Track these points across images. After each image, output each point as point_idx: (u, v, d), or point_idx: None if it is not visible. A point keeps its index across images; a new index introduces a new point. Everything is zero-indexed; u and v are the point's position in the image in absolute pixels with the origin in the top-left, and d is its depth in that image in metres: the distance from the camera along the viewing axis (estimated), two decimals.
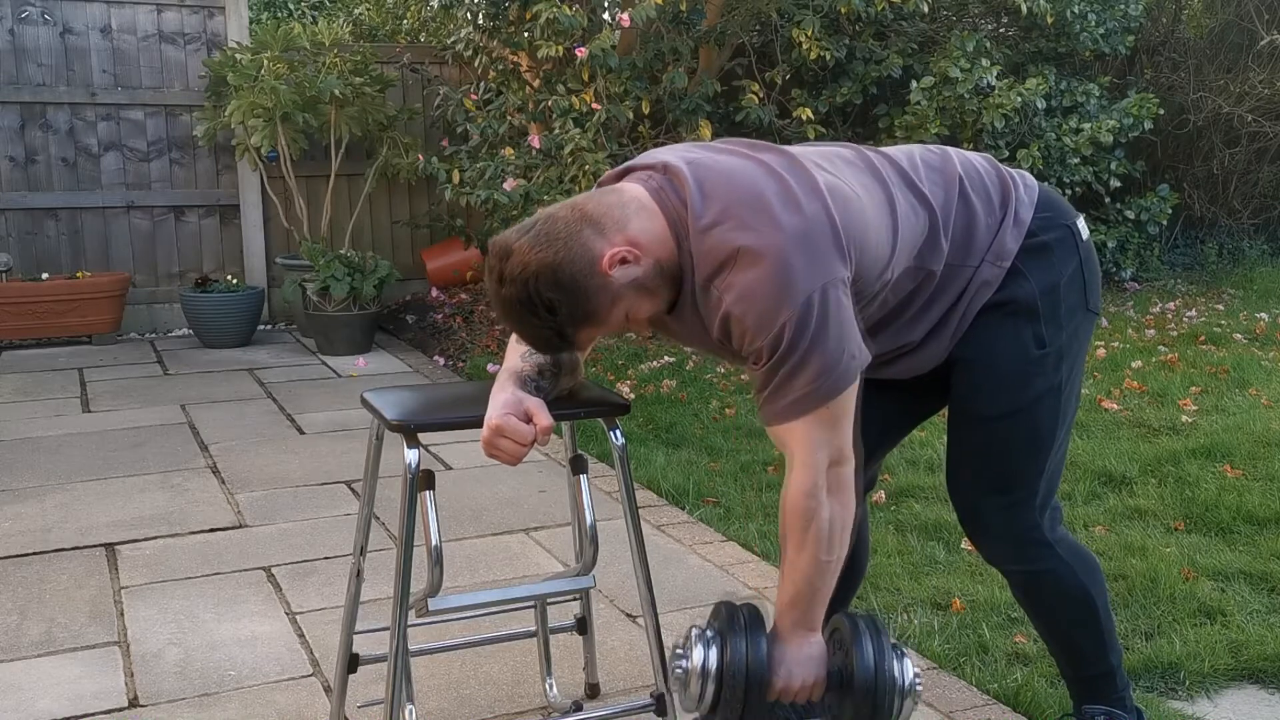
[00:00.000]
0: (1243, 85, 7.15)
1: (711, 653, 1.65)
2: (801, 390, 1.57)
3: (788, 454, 1.63)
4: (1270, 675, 2.35)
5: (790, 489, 1.62)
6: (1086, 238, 1.82)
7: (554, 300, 1.56)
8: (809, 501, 1.60)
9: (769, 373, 1.58)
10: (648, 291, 1.61)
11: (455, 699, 2.28)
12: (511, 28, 5.90)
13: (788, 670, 1.66)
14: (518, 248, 1.57)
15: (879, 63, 6.25)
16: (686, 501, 3.45)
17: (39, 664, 2.43)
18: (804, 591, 1.64)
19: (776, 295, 1.53)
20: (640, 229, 1.60)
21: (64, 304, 5.99)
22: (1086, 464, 3.66)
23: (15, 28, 6.18)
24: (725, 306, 1.57)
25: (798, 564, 1.63)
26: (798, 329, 1.54)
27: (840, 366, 1.57)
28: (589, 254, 1.57)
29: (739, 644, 1.64)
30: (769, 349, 1.56)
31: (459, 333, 6.09)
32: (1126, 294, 6.80)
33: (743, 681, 1.62)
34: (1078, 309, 1.78)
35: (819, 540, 1.61)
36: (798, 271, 1.54)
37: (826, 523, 1.61)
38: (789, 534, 1.63)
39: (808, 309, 1.53)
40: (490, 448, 1.71)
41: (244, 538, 3.19)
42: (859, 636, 1.65)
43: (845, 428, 1.61)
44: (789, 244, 1.54)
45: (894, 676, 1.63)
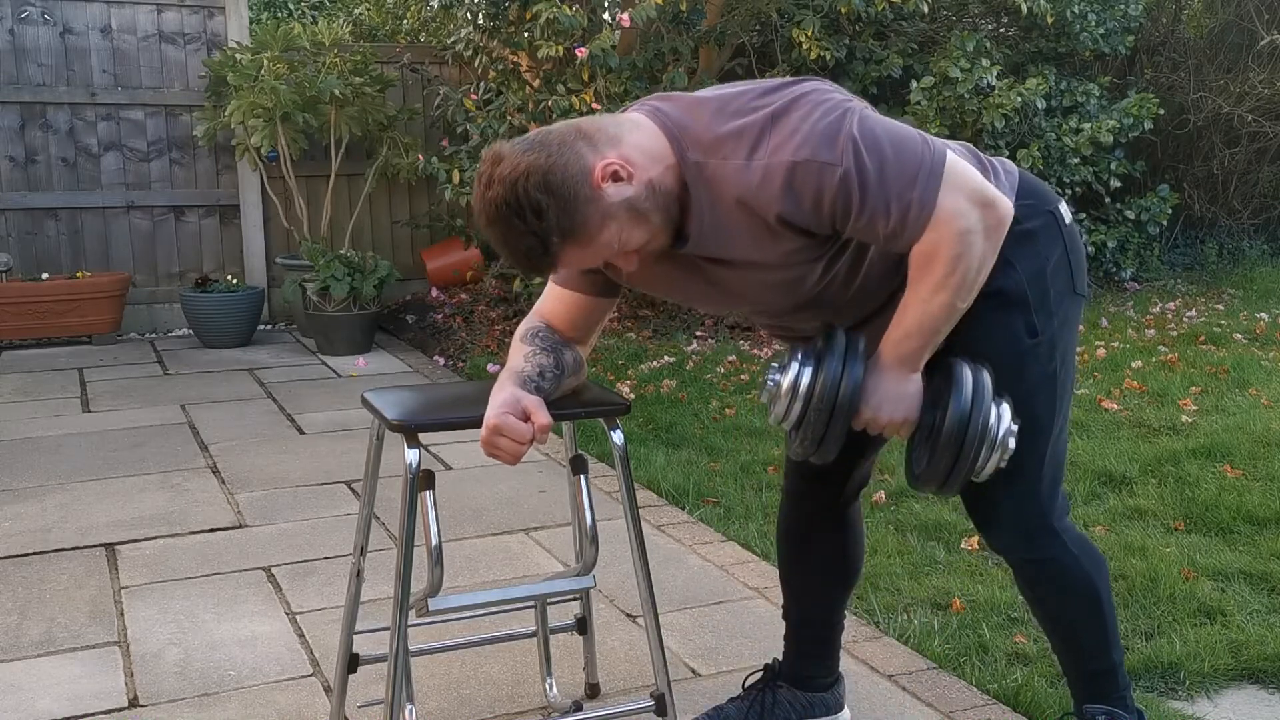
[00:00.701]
0: (1243, 85, 7.15)
1: (806, 371, 1.64)
2: (917, 182, 1.55)
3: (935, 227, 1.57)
4: (1270, 675, 2.35)
5: (941, 236, 1.56)
6: (1070, 222, 1.82)
7: (542, 203, 1.53)
8: (960, 244, 1.56)
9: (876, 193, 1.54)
10: (640, 216, 1.59)
11: (455, 699, 2.28)
12: (511, 28, 5.90)
13: (879, 401, 1.66)
14: (509, 152, 1.57)
15: (879, 63, 6.26)
16: (686, 501, 3.46)
17: (39, 664, 2.43)
18: (925, 329, 1.63)
19: (828, 122, 1.54)
20: (634, 144, 1.60)
21: (64, 304, 5.99)
22: (1086, 464, 3.66)
23: (15, 28, 6.18)
24: (785, 161, 1.54)
25: (930, 302, 1.61)
26: (865, 136, 1.54)
27: (925, 141, 1.58)
28: (582, 163, 1.56)
29: (834, 367, 1.62)
30: (855, 168, 1.53)
31: (459, 333, 6.09)
32: (1126, 294, 6.80)
33: (829, 406, 1.62)
34: (1065, 294, 1.78)
35: (961, 282, 1.59)
36: (835, 101, 1.57)
37: (977, 264, 1.59)
38: (928, 272, 1.59)
39: (862, 119, 1.56)
40: (489, 447, 1.70)
41: (244, 538, 3.19)
42: (960, 378, 1.63)
43: (974, 176, 1.59)
44: (810, 92, 1.58)
45: (987, 427, 1.61)
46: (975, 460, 1.63)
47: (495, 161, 1.57)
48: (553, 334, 1.83)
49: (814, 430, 1.64)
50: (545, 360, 1.79)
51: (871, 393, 1.65)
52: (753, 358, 5.37)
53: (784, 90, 1.61)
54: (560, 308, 1.84)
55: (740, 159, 1.57)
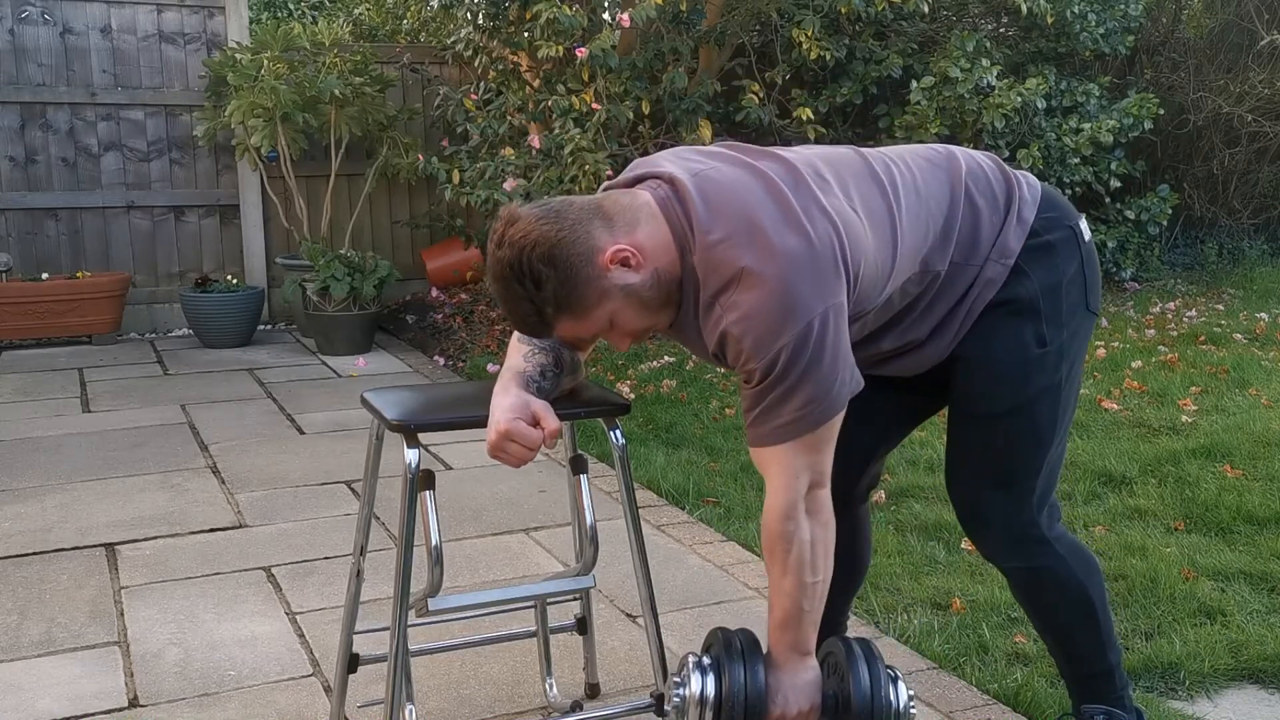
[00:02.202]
0: (1243, 85, 7.15)
1: (709, 681, 1.65)
2: (790, 416, 1.58)
3: (767, 476, 1.64)
4: (1270, 675, 2.35)
5: (769, 513, 1.63)
6: (1089, 239, 1.82)
7: (542, 275, 1.56)
8: (787, 525, 1.61)
9: (759, 395, 1.59)
10: (639, 302, 1.61)
11: (455, 699, 2.28)
12: (511, 28, 5.90)
13: (784, 697, 1.66)
14: (525, 215, 1.59)
15: (879, 63, 6.25)
16: (686, 501, 3.45)
17: (39, 664, 2.43)
18: (792, 614, 1.66)
19: (777, 320, 1.54)
20: (647, 235, 1.60)
21: (64, 304, 5.99)
22: (1086, 464, 3.66)
23: (15, 28, 6.18)
24: (725, 325, 1.58)
25: (783, 587, 1.65)
26: (793, 354, 1.54)
27: (831, 394, 1.58)
28: (591, 242, 1.57)
29: (737, 672, 1.64)
30: (762, 371, 1.57)
31: (459, 333, 6.09)
32: (1126, 294, 6.80)
33: (741, 710, 1.63)
34: (1078, 309, 1.79)
35: (801, 563, 1.62)
36: (799, 296, 1.54)
37: (808, 545, 1.62)
38: (771, 559, 1.64)
39: (805, 335, 1.54)
40: (498, 452, 1.70)
41: (244, 538, 3.19)
42: (854, 662, 1.65)
43: (828, 453, 1.62)
44: (789, 269, 1.54)
45: (889, 700, 1.64)
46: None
47: (510, 222, 1.59)
48: None
49: None
50: (544, 359, 1.79)
51: (775, 691, 1.66)
52: None
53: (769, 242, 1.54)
54: None
55: (709, 291, 1.60)
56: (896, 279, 1.68)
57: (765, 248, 1.55)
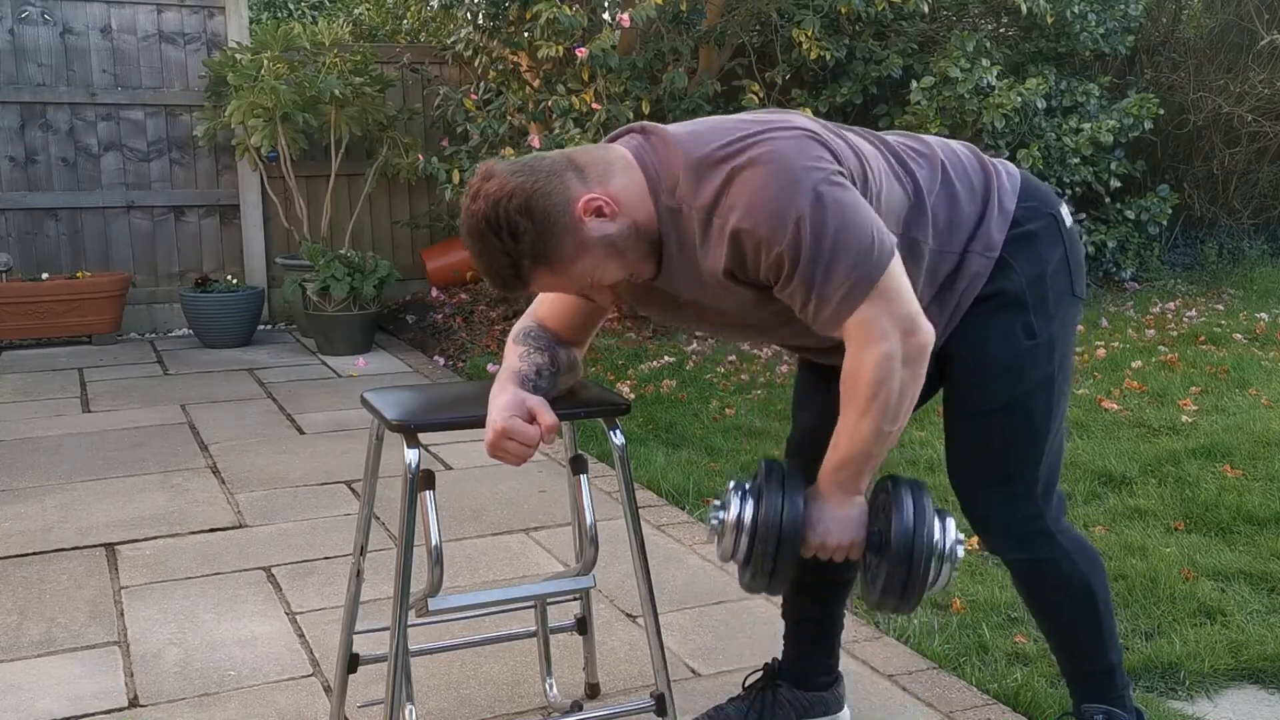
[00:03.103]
0: (1243, 85, 7.14)
1: (747, 506, 1.65)
2: (844, 284, 1.54)
3: (856, 341, 1.58)
4: (1270, 675, 2.35)
5: (862, 356, 1.57)
6: (1070, 225, 1.82)
7: (518, 225, 1.55)
8: (881, 369, 1.57)
9: (803, 278, 1.55)
10: (616, 252, 1.60)
11: (455, 699, 2.28)
12: (511, 28, 5.90)
13: (825, 528, 1.66)
14: (500, 170, 1.59)
15: (879, 63, 6.25)
16: (686, 501, 3.46)
17: (39, 664, 2.43)
18: (857, 457, 1.63)
19: (782, 194, 1.53)
20: (621, 186, 1.61)
21: (64, 304, 5.99)
22: (1086, 464, 3.66)
23: (15, 28, 6.18)
24: (732, 225, 1.55)
25: (858, 429, 1.61)
26: (814, 222, 1.52)
27: (874, 245, 1.55)
28: (567, 192, 1.57)
29: (774, 499, 1.64)
30: (790, 252, 1.53)
31: (459, 333, 6.09)
32: (1126, 294, 6.80)
33: (775, 537, 1.63)
34: (1065, 296, 1.79)
35: (885, 408, 1.59)
36: (797, 168, 1.54)
37: (897, 393, 1.58)
38: (853, 399, 1.60)
39: (818, 200, 1.53)
40: (496, 450, 1.70)
41: (244, 538, 3.19)
42: (900, 499, 1.64)
43: (907, 299, 1.58)
44: (783, 149, 1.55)
45: (934, 540, 1.62)
46: (927, 575, 1.63)
47: (485, 178, 1.59)
48: (546, 333, 1.84)
49: (763, 563, 1.65)
50: (541, 359, 1.79)
51: (816, 520, 1.66)
52: (753, 358, 5.37)
53: (751, 141, 1.58)
54: (555, 310, 1.85)
55: (700, 213, 1.59)
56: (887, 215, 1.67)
57: (750, 147, 1.56)
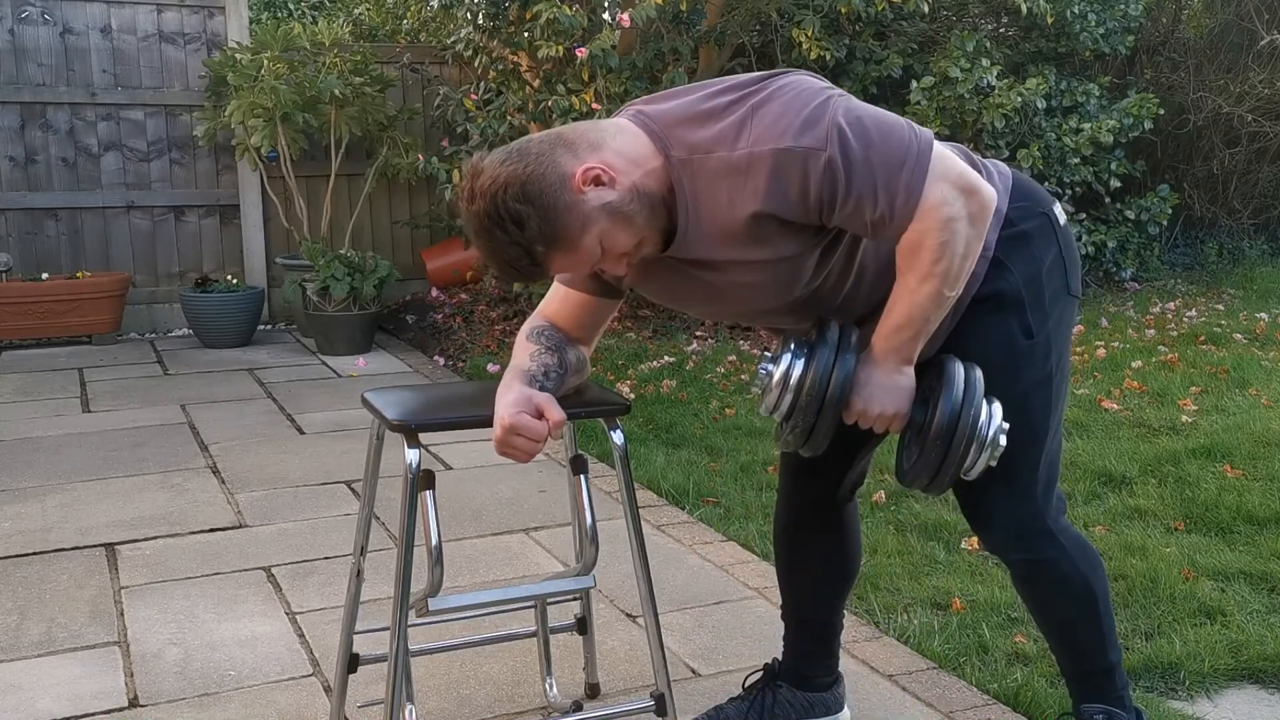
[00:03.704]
0: (1243, 85, 7.14)
1: (798, 363, 1.64)
2: (903, 168, 1.53)
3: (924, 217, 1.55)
4: (1270, 675, 2.35)
5: (927, 226, 1.55)
6: (1064, 223, 1.82)
7: (521, 213, 1.53)
8: (945, 232, 1.55)
9: (860, 178, 1.52)
10: (624, 218, 1.58)
11: (455, 699, 2.28)
12: (511, 28, 5.90)
13: (870, 393, 1.65)
14: (488, 164, 1.57)
15: (879, 63, 6.26)
16: (686, 501, 3.46)
17: (39, 664, 2.43)
18: (915, 320, 1.62)
19: (811, 109, 1.54)
20: (617, 150, 1.59)
21: (64, 304, 5.99)
22: (1086, 464, 3.66)
23: (15, 28, 6.18)
24: (769, 150, 1.53)
25: (918, 292, 1.60)
26: (850, 122, 1.53)
27: (911, 129, 1.56)
28: (559, 170, 1.55)
29: (826, 358, 1.62)
30: (840, 154, 1.51)
31: (459, 333, 6.09)
32: (1126, 294, 6.80)
33: (819, 397, 1.62)
34: (1060, 295, 1.79)
35: (948, 270, 1.57)
36: (814, 89, 1.57)
37: (960, 256, 1.57)
38: (915, 260, 1.58)
39: (846, 104, 1.55)
40: (504, 446, 1.70)
41: (244, 538, 3.19)
42: (951, 375, 1.63)
43: (957, 163, 1.58)
44: (791, 81, 1.58)
45: (977, 424, 1.61)
46: (965, 457, 1.62)
47: (475, 175, 1.57)
48: (557, 333, 1.83)
49: (805, 420, 1.64)
50: (550, 359, 1.79)
51: (863, 385, 1.65)
52: (753, 358, 5.36)
53: (764, 82, 1.60)
54: (564, 308, 1.84)
55: (723, 151, 1.56)
56: None
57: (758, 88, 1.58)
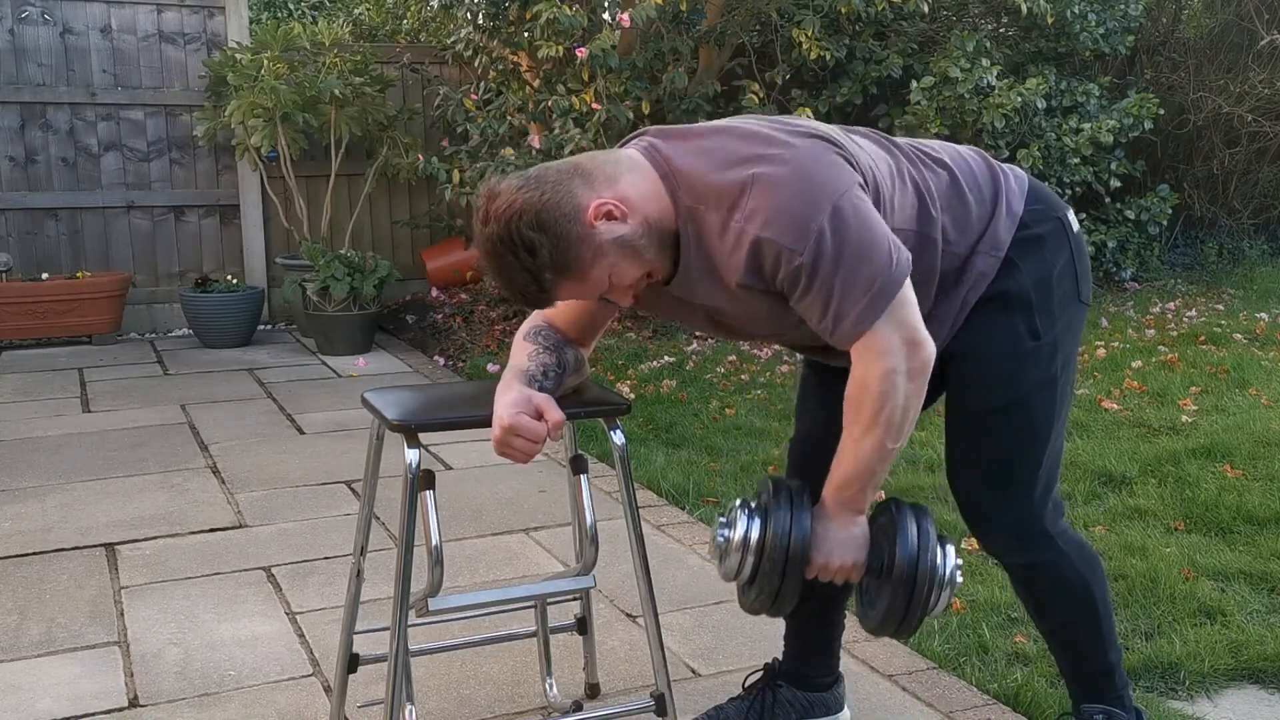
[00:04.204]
0: (1243, 85, 7.15)
1: (754, 524, 1.64)
2: (863, 297, 1.55)
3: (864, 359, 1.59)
4: (1270, 675, 2.35)
5: (866, 377, 1.59)
6: (1077, 230, 1.83)
7: (534, 241, 1.55)
8: (885, 384, 1.58)
9: (821, 288, 1.55)
10: (633, 252, 1.60)
11: (455, 699, 2.28)
12: (511, 28, 5.90)
13: (829, 548, 1.66)
14: (505, 189, 1.59)
15: (879, 63, 6.26)
16: (686, 501, 3.46)
17: (39, 664, 2.43)
18: (861, 473, 1.64)
19: (805, 206, 1.53)
20: (630, 184, 1.61)
21: (64, 304, 5.99)
22: (1086, 464, 3.66)
23: (15, 28, 6.18)
24: (753, 234, 1.55)
25: (862, 446, 1.62)
26: (835, 233, 1.53)
27: (892, 258, 1.56)
28: (574, 201, 1.57)
29: (782, 518, 1.63)
30: (811, 262, 1.54)
31: (459, 333, 6.09)
32: (1126, 294, 6.80)
33: (782, 557, 1.62)
34: (1070, 300, 1.79)
35: (889, 424, 1.60)
36: (820, 178, 1.55)
37: (900, 409, 1.60)
38: (858, 416, 1.61)
39: (839, 212, 1.53)
40: (503, 447, 1.70)
41: (244, 538, 3.19)
42: (903, 523, 1.64)
43: (915, 314, 1.60)
44: (803, 158, 1.56)
45: (935, 566, 1.62)
46: (929, 599, 1.64)
47: (491, 198, 1.59)
48: (555, 333, 1.84)
49: (769, 583, 1.65)
50: (548, 359, 1.79)
51: (821, 540, 1.66)
52: (753, 358, 5.37)
53: (771, 146, 1.58)
54: (563, 308, 1.85)
55: (719, 215, 1.59)
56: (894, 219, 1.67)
57: (769, 154, 1.57)
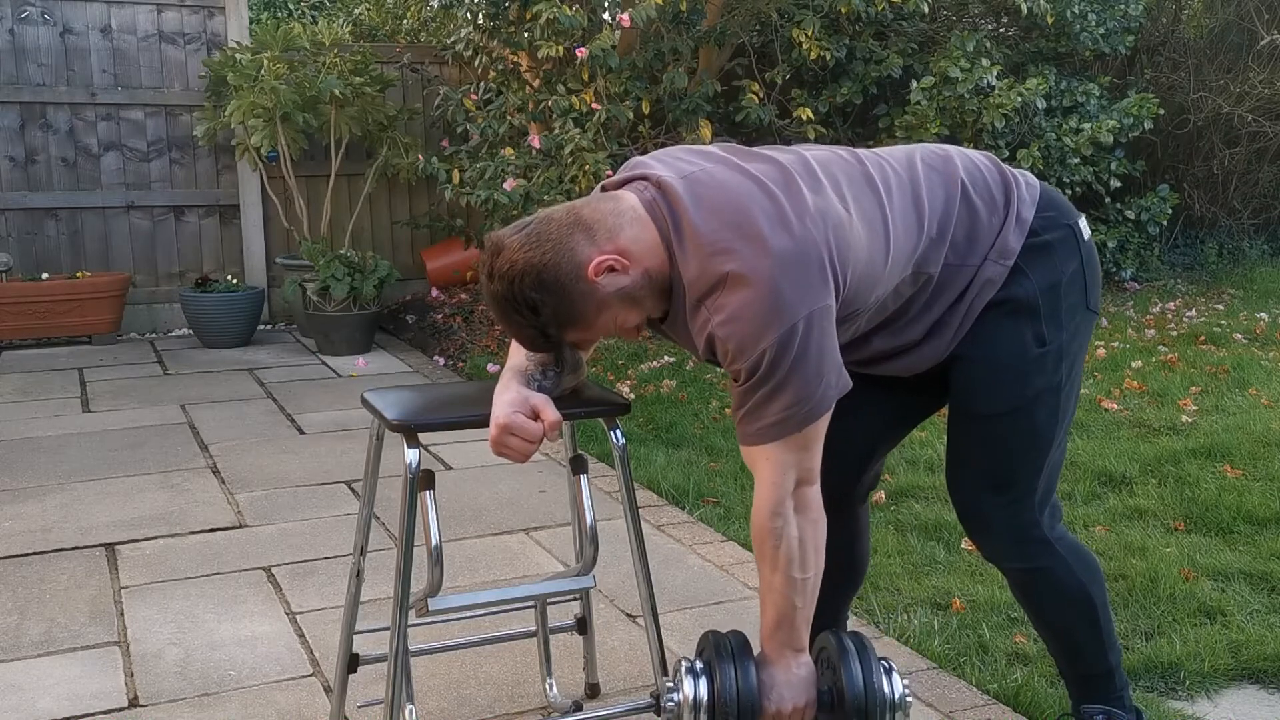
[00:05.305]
0: (1243, 85, 7.15)
1: (701, 684, 1.66)
2: (777, 415, 1.59)
3: (756, 473, 1.65)
4: (1270, 675, 2.35)
5: (757, 510, 1.64)
6: (1088, 238, 1.82)
7: (537, 301, 1.60)
8: (775, 521, 1.63)
9: (746, 394, 1.61)
10: (634, 301, 1.64)
11: (455, 699, 2.28)
12: (511, 28, 5.90)
13: (779, 694, 1.67)
14: (508, 244, 1.61)
15: (879, 63, 6.25)
16: (686, 501, 3.46)
17: (39, 664, 2.43)
18: (786, 612, 1.66)
19: (761, 321, 1.55)
20: (631, 238, 1.62)
21: (64, 304, 5.99)
22: (1086, 464, 3.66)
23: (15, 28, 6.18)
24: (711, 327, 1.60)
25: (774, 585, 1.66)
26: (778, 355, 1.56)
27: (817, 395, 1.59)
28: (576, 259, 1.59)
29: (728, 672, 1.65)
30: (748, 371, 1.58)
31: (459, 333, 6.09)
32: (1126, 294, 6.80)
33: (734, 710, 1.64)
34: (1078, 308, 1.79)
35: (790, 559, 1.64)
36: (784, 298, 1.55)
37: (795, 541, 1.63)
38: (761, 556, 1.66)
39: (789, 336, 1.55)
40: (499, 446, 1.71)
41: (244, 538, 3.19)
42: (846, 656, 1.66)
43: (816, 451, 1.64)
44: (777, 270, 1.55)
45: (884, 693, 1.64)
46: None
47: (495, 253, 1.62)
48: None
49: None
50: (546, 358, 1.79)
51: (770, 687, 1.67)
52: None
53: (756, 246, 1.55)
54: None
55: (694, 298, 1.62)
56: (889, 281, 1.68)
57: (752, 251, 1.56)
